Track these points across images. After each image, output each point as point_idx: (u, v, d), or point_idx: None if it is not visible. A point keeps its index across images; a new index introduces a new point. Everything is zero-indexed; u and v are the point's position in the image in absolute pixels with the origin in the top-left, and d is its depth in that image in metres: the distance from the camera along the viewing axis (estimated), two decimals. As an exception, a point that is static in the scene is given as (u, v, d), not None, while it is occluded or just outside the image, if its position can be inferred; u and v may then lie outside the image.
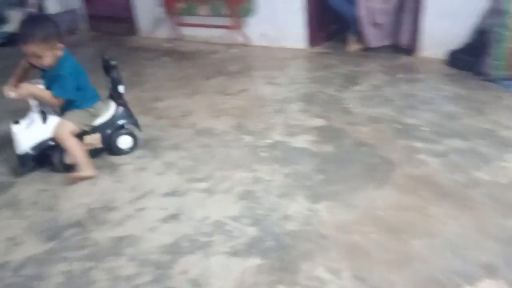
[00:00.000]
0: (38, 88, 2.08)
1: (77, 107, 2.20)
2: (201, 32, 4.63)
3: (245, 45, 4.34)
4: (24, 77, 2.17)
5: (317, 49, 4.02)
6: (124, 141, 2.35)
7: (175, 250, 1.60)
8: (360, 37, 3.78)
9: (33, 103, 2.09)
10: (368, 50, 3.77)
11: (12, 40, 5.22)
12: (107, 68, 2.36)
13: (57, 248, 1.66)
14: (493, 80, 2.86)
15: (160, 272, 1.50)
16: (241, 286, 1.41)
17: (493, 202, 1.71)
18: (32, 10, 5.35)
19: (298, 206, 1.80)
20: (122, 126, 2.33)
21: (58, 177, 2.18)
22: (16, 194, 2.08)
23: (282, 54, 3.92)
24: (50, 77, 2.10)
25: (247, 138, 2.44)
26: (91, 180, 2.12)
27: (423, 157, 2.07)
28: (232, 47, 4.30)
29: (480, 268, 1.39)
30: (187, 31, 4.74)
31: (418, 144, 2.19)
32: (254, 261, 1.51)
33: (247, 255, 1.54)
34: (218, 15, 4.33)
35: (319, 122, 2.55)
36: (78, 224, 1.80)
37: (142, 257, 1.58)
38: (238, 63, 3.86)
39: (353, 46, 3.85)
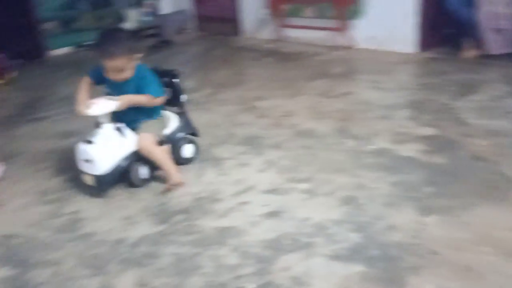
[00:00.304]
0: (136, 95, 2.01)
1: (149, 116, 2.14)
2: (304, 33, 4.64)
3: (349, 47, 4.26)
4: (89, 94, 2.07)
5: (428, 54, 3.80)
6: (188, 150, 2.29)
7: (276, 246, 1.62)
8: (477, 43, 3.50)
9: (105, 119, 1.98)
10: (485, 58, 3.48)
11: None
12: (168, 77, 2.25)
13: (167, 231, 1.77)
14: None
15: (262, 266, 1.52)
16: (345, 292, 1.38)
17: None
18: (148, 10, 5.83)
19: (405, 217, 1.71)
20: (184, 136, 2.27)
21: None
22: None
23: (389, 58, 3.78)
24: (128, 86, 2.03)
25: (350, 143, 2.39)
26: (197, 172, 2.23)
27: (554, 178, 1.85)
28: (335, 49, 4.25)
29: None
30: (290, 33, 4.78)
31: (546, 164, 1.96)
32: (358, 268, 1.47)
33: (350, 260, 1.51)
34: (324, 17, 4.31)
35: (429, 131, 2.41)
36: (186, 211, 1.91)
37: (244, 249, 1.62)
38: (341, 66, 3.80)
39: (469, 53, 3.57)
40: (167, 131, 2.19)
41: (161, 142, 2.11)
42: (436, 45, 3.90)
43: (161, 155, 2.07)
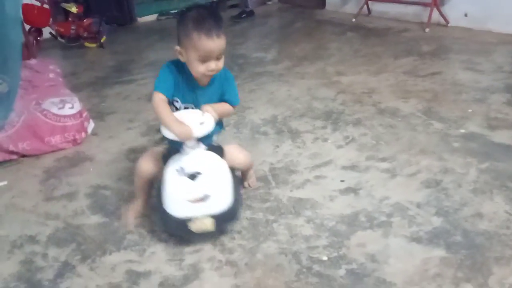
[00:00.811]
0: (221, 104, 1.58)
1: (221, 126, 1.75)
2: (393, 8, 4.40)
3: (442, 25, 3.97)
4: None
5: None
6: None
7: (353, 222, 1.60)
8: None
9: (192, 142, 1.47)
10: None
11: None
12: None
13: (244, 197, 1.82)
14: None
15: (337, 240, 1.52)
16: (423, 275, 1.33)
17: None
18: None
19: (495, 206, 1.60)
20: None
21: (245, 134, 2.37)
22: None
23: (487, 38, 3.48)
24: (213, 89, 1.58)
25: (438, 125, 2.26)
26: (273, 143, 2.24)
27: None
28: (426, 26, 3.98)
29: None
30: (377, 7, 4.56)
31: None
32: (439, 252, 1.41)
33: (431, 244, 1.45)
34: (417, -9, 4.04)
35: (528, 118, 2.21)
36: (263, 179, 1.94)
37: (319, 222, 1.62)
38: (432, 44, 3.56)
39: None
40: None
41: None
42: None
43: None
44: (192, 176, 1.46)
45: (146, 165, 1.59)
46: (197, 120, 1.45)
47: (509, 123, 2.18)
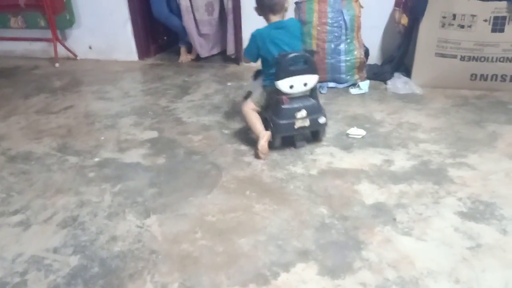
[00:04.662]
0: None
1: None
2: (18, 46, 4.15)
3: (72, 58, 4.03)
4: None
5: (150, 61, 3.97)
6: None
7: (-21, 299, 1.37)
8: (191, 48, 3.86)
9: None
10: (200, 61, 3.87)
11: None
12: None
13: None
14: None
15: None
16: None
17: (307, 193, 1.89)
18: None
19: (128, 224, 1.72)
20: None
21: None
22: None
23: (114, 67, 3.76)
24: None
25: (73, 159, 2.26)
26: None
27: (248, 159, 2.18)
28: (55, 61, 3.95)
29: (296, 255, 1.52)
30: (2, 46, 4.20)
31: (244, 147, 2.30)
32: (77, 291, 1.39)
33: (69, 286, 1.41)
34: (35, 27, 3.94)
35: (151, 134, 2.51)
36: None
37: None
38: (64, 78, 3.56)
39: (185, 57, 3.90)
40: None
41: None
42: (156, 52, 4.11)
43: (251, 118, 2.23)
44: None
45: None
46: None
47: (136, 143, 2.41)
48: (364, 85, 3.05)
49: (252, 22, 2.28)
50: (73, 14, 3.85)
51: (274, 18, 2.13)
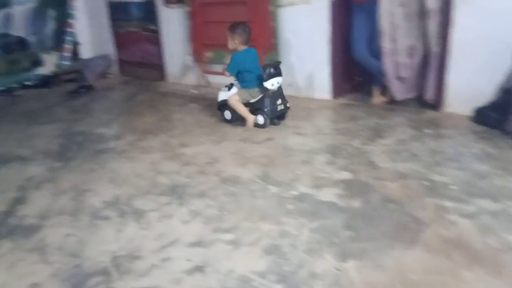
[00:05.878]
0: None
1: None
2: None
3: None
4: None
5: (343, 100, 4.07)
6: (259, 118, 3.45)
7: (200, 304, 1.58)
8: (385, 90, 3.83)
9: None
10: (393, 104, 3.81)
11: (46, 82, 5.49)
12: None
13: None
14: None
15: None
16: None
17: (530, 270, 1.65)
18: (68, 54, 5.64)
19: (326, 263, 1.77)
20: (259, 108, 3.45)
21: (84, 222, 2.22)
22: (43, 238, 2.11)
23: (309, 105, 3.98)
24: None
25: (273, 189, 2.45)
26: (116, 226, 2.15)
27: (453, 218, 2.03)
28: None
29: None
30: (214, 79, 4.88)
31: (448, 204, 2.15)
32: (282, 321, 1.48)
33: (274, 314, 1.51)
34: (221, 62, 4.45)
35: (345, 175, 2.55)
36: (103, 272, 1.80)
37: (167, 310, 1.56)
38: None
39: (378, 99, 3.89)
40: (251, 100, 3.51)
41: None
42: (349, 92, 4.20)
43: (239, 108, 3.47)
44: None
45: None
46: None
47: (331, 182, 2.48)
48: None
49: (462, 68, 2.13)
50: (279, 54, 4.24)
51: (244, 47, 3.45)
